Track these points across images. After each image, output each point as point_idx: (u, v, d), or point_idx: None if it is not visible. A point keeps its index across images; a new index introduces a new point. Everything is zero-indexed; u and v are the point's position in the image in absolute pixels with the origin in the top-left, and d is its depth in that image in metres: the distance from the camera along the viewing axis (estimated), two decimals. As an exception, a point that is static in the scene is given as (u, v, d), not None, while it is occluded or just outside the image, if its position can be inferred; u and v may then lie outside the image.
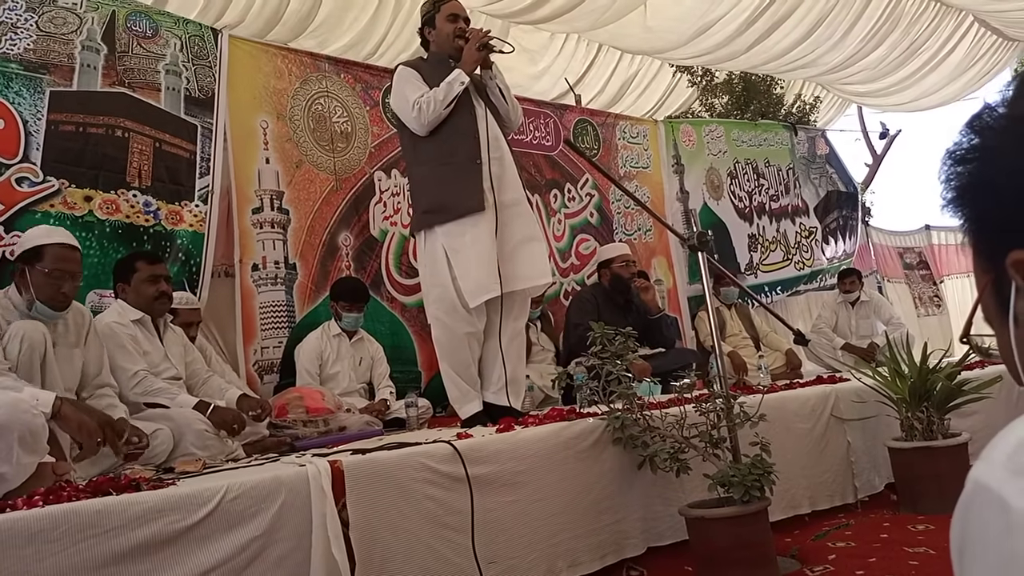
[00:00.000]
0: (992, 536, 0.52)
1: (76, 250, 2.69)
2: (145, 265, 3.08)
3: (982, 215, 0.66)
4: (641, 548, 2.72)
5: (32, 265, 2.57)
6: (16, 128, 3.34)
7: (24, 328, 2.49)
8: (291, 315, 4.11)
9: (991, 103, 0.67)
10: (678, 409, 2.77)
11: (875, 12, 6.88)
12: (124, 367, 2.89)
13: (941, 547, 2.70)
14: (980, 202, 0.66)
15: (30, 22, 3.45)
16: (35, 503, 1.68)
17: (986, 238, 0.67)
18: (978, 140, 0.66)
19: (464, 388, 3.20)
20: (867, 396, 3.62)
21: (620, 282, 4.67)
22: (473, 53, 3.16)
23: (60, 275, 2.59)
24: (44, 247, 2.60)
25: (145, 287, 3.04)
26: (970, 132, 0.67)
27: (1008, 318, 0.65)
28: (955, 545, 0.57)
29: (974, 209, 0.67)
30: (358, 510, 2.05)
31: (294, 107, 4.35)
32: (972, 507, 0.55)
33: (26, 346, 2.46)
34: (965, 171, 0.66)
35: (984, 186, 0.65)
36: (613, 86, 7.14)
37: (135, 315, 3.02)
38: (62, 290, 2.60)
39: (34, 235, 2.70)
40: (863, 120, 10.10)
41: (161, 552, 1.73)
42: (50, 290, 2.57)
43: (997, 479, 0.53)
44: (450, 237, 3.11)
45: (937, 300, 8.99)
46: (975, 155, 0.66)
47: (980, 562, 0.54)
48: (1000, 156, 0.64)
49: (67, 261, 2.62)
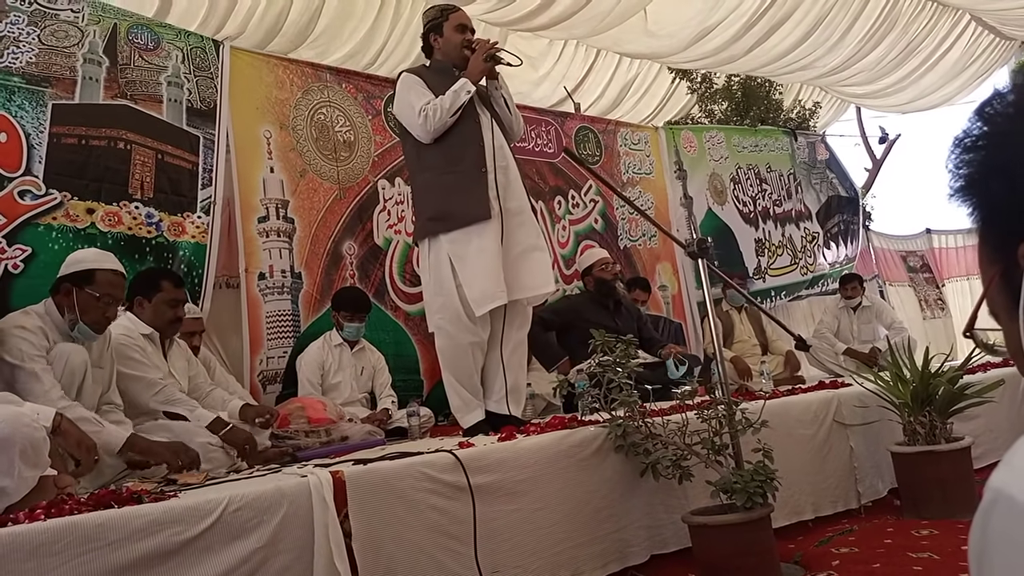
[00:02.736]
0: (1013, 544, 0.52)
1: (124, 276, 2.78)
2: (171, 287, 3.09)
3: (992, 204, 0.65)
4: (644, 556, 2.72)
5: (81, 287, 2.62)
6: (18, 141, 3.35)
7: (68, 352, 2.55)
8: (296, 325, 4.12)
9: (1001, 89, 0.65)
10: (680, 416, 2.77)
11: (873, 12, 6.89)
12: (143, 376, 2.90)
13: (945, 552, 2.69)
14: (990, 191, 0.64)
15: (32, 36, 3.46)
16: (37, 517, 1.68)
17: (995, 228, 0.65)
18: (988, 127, 0.64)
19: (466, 397, 3.20)
20: (869, 401, 3.61)
21: (604, 285, 4.69)
22: (479, 63, 3.16)
23: (109, 301, 2.66)
24: (96, 272, 2.66)
25: (164, 308, 3.05)
26: (979, 119, 0.65)
27: (1017, 311, 0.63)
28: (974, 552, 0.56)
29: (984, 198, 0.65)
30: (360, 520, 2.06)
31: (297, 117, 4.37)
32: (992, 515, 0.54)
33: (68, 371, 2.52)
34: (974, 159, 0.65)
35: (995, 174, 0.63)
36: (612, 91, 7.15)
37: (145, 330, 3.02)
38: (107, 315, 2.66)
39: (86, 257, 2.76)
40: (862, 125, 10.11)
41: (163, 564, 1.73)
42: (96, 314, 2.63)
43: (1020, 488, 0.52)
44: (456, 245, 3.11)
45: (941, 303, 8.98)
46: (985, 142, 0.64)
47: (1000, 570, 0.53)
48: (1011, 143, 0.62)
49: (116, 287, 2.70)
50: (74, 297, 2.61)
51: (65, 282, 2.65)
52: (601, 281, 4.71)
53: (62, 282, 2.66)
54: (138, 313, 3.05)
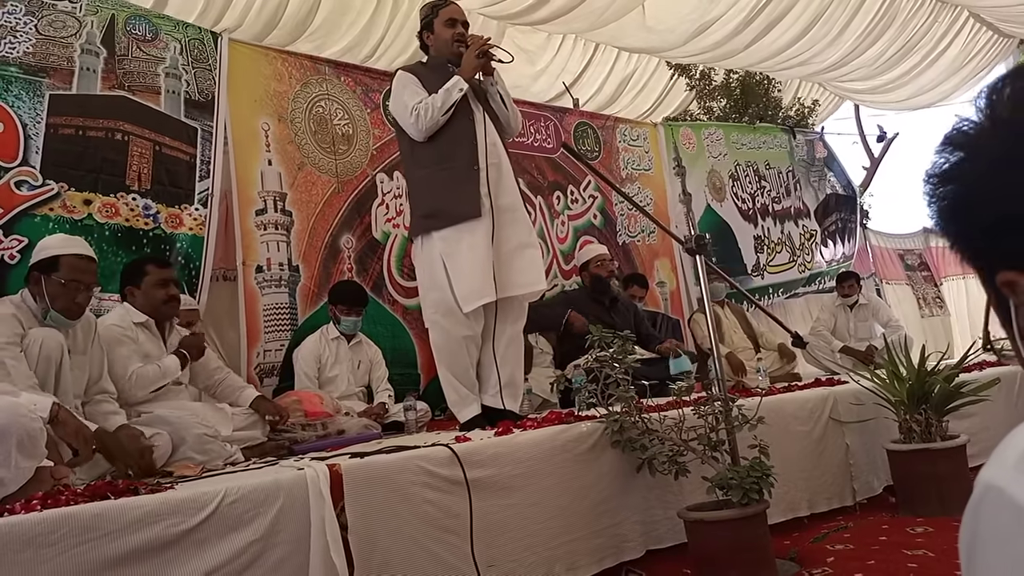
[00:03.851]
0: (1003, 537, 0.52)
1: (92, 261, 2.70)
2: (155, 269, 3.08)
3: (962, 236, 0.65)
4: (640, 551, 2.73)
5: (48, 274, 2.58)
6: (15, 131, 3.34)
7: (42, 336, 2.51)
8: (293, 318, 4.11)
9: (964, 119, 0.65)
10: (676, 412, 2.77)
11: (871, 8, 6.87)
12: (120, 370, 2.88)
13: (940, 549, 2.70)
14: (958, 224, 0.65)
15: (29, 25, 3.45)
16: (33, 507, 1.68)
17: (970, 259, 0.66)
18: (954, 158, 0.64)
19: (463, 392, 3.20)
20: (865, 399, 3.62)
21: (599, 282, 4.71)
22: (472, 60, 3.16)
23: (76, 286, 2.61)
24: (60, 257, 2.61)
25: (155, 291, 3.03)
26: (947, 149, 0.65)
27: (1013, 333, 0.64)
28: (964, 547, 0.57)
29: (955, 231, 0.66)
30: (356, 514, 2.06)
31: (295, 109, 4.36)
32: (983, 508, 0.54)
33: (43, 355, 2.49)
34: (945, 191, 0.65)
35: (962, 207, 0.64)
36: (610, 85, 7.13)
37: (139, 318, 3.01)
38: (76, 300, 2.61)
39: (51, 244, 2.71)
40: (860, 123, 10.10)
41: (159, 556, 1.73)
42: (65, 300, 2.59)
43: (1008, 480, 0.53)
44: (447, 242, 3.11)
45: (940, 301, 8.99)
46: (953, 175, 0.64)
47: (991, 564, 0.53)
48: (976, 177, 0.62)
49: (83, 272, 2.63)
50: (43, 285, 2.57)
51: (34, 270, 2.62)
52: (597, 278, 4.72)
53: (32, 270, 2.64)
54: (132, 302, 3.05)
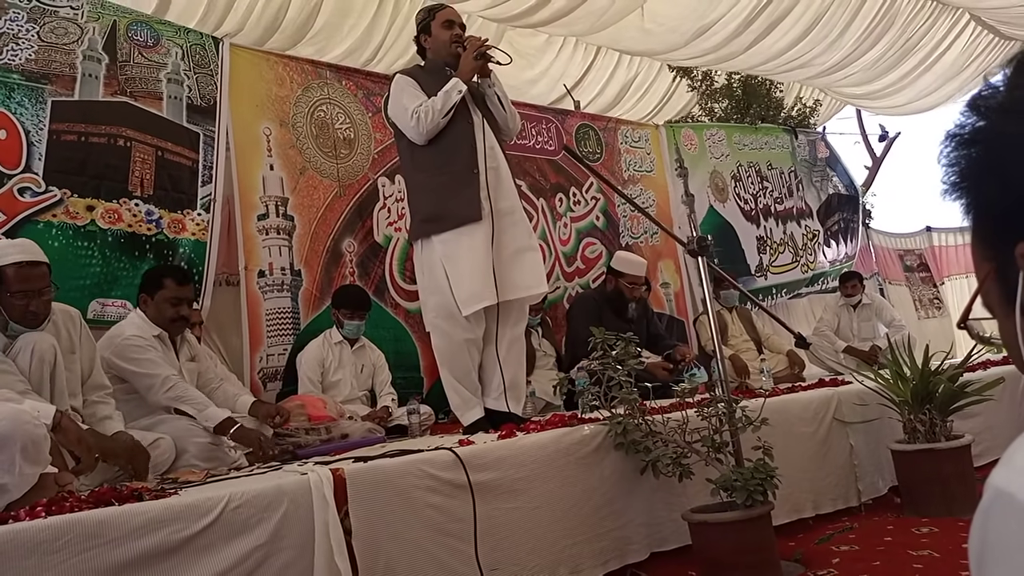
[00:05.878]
0: (1014, 543, 0.51)
1: (37, 265, 2.53)
2: (173, 284, 3.02)
3: (985, 203, 0.63)
4: (644, 553, 2.72)
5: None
6: (18, 138, 3.35)
7: (33, 340, 2.47)
8: (296, 322, 4.12)
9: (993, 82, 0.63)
10: (680, 414, 2.77)
11: (871, 10, 6.86)
12: (154, 373, 2.86)
13: (945, 550, 2.69)
14: (983, 189, 0.63)
15: (31, 32, 3.46)
16: (37, 514, 1.68)
17: (989, 226, 0.64)
18: (983, 122, 0.63)
19: (465, 395, 3.20)
20: (869, 399, 3.61)
21: (621, 298, 4.67)
22: (470, 62, 3.16)
23: (23, 296, 2.48)
24: (3, 269, 2.47)
25: (166, 306, 3.00)
26: (973, 113, 0.63)
27: (1014, 307, 0.62)
28: (974, 551, 0.56)
29: (978, 195, 0.64)
30: (360, 518, 2.06)
31: (296, 114, 4.36)
32: (993, 513, 0.54)
33: (36, 359, 2.45)
34: (967, 155, 0.63)
35: (990, 171, 0.62)
36: (612, 89, 7.13)
37: (155, 330, 2.98)
38: (30, 309, 2.50)
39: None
40: (862, 123, 10.11)
41: (164, 562, 1.73)
42: (19, 311, 2.49)
43: (1019, 486, 0.52)
44: (446, 246, 3.12)
45: (937, 302, 8.97)
46: (980, 137, 0.62)
47: (1001, 569, 0.53)
48: (1004, 141, 0.60)
49: (28, 280, 2.49)
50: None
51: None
52: (619, 294, 4.68)
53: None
54: (144, 310, 3.03)
